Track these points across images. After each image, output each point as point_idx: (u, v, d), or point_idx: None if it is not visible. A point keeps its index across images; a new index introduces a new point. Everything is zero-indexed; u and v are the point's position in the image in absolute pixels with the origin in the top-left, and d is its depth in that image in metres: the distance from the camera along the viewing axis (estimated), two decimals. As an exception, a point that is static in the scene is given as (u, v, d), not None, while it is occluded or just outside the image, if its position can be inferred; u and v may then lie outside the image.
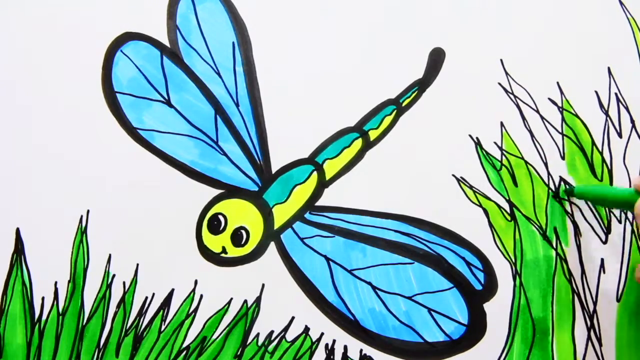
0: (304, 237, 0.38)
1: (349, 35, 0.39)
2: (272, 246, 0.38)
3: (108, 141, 0.39)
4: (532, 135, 0.38)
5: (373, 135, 0.39)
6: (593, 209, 0.37)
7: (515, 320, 0.37)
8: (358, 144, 0.39)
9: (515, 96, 0.38)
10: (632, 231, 0.37)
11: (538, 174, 0.38)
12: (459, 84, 0.39)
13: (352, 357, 0.37)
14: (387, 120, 0.39)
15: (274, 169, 0.39)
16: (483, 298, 0.37)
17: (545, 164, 0.38)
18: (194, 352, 0.37)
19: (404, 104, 0.39)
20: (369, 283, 0.37)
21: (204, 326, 0.37)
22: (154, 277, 0.38)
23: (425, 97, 0.39)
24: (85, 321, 0.38)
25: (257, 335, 0.37)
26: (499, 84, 0.39)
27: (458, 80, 0.39)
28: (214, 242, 0.38)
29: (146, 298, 0.38)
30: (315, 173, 0.38)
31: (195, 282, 0.38)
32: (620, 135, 0.38)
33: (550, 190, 0.38)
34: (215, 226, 0.38)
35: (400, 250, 0.37)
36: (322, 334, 0.37)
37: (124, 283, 0.38)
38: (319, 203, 0.38)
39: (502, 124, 0.38)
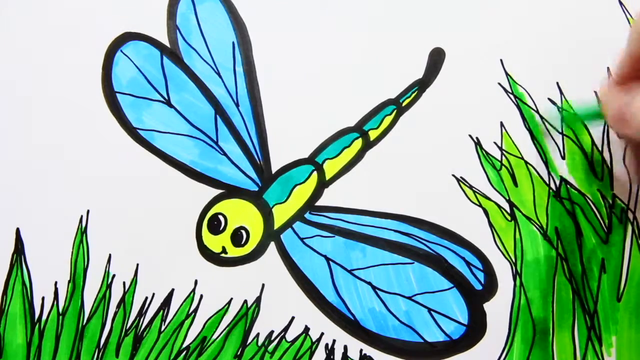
0: (304, 237, 0.38)
1: (348, 35, 0.39)
2: (272, 246, 0.38)
3: (108, 141, 0.39)
4: (532, 135, 0.38)
5: (373, 135, 0.39)
6: (594, 208, 0.37)
7: (515, 320, 0.37)
8: (358, 144, 0.39)
9: (515, 96, 0.38)
10: (633, 230, 0.37)
11: (538, 173, 0.38)
12: (459, 84, 0.39)
13: (352, 357, 0.37)
14: (387, 120, 0.39)
15: (274, 169, 0.39)
16: (483, 298, 0.37)
17: (546, 164, 0.38)
18: (194, 352, 0.37)
19: (404, 104, 0.39)
20: (369, 283, 0.37)
21: (204, 326, 0.37)
22: (154, 277, 0.38)
23: (425, 97, 0.39)
24: (85, 321, 0.38)
25: (257, 335, 0.37)
26: (499, 84, 0.39)
27: (458, 80, 0.39)
28: (214, 242, 0.38)
29: (146, 298, 0.38)
30: (315, 173, 0.38)
31: (195, 282, 0.38)
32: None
33: (550, 190, 0.38)
34: (215, 226, 0.38)
35: (400, 250, 0.37)
36: (322, 334, 0.37)
37: (124, 283, 0.38)
38: (319, 203, 0.38)
39: (502, 124, 0.38)
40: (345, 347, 0.37)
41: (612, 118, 0.31)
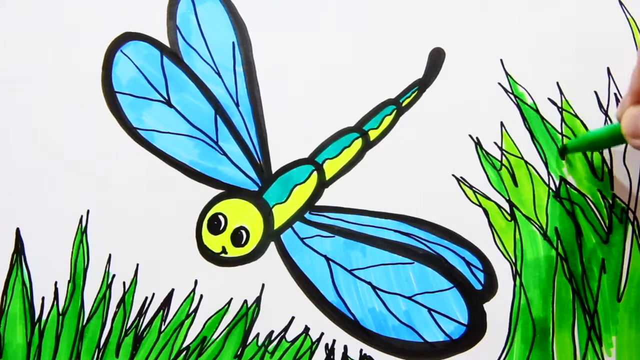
0: (304, 237, 0.38)
1: (348, 35, 0.39)
2: (272, 246, 0.38)
3: (108, 141, 0.39)
4: (532, 135, 0.38)
5: (373, 135, 0.39)
6: (594, 207, 0.37)
7: (515, 321, 0.37)
8: (358, 144, 0.39)
9: (515, 96, 0.38)
10: (633, 230, 0.37)
11: (538, 174, 0.38)
12: (459, 84, 0.39)
13: (352, 357, 0.37)
14: (387, 120, 0.39)
15: (274, 169, 0.39)
16: (483, 298, 0.37)
17: (545, 164, 0.38)
18: (194, 352, 0.37)
19: (404, 104, 0.39)
20: (369, 283, 0.37)
21: (204, 326, 0.37)
22: (154, 277, 0.38)
23: (425, 97, 0.39)
24: (85, 321, 0.38)
25: (257, 335, 0.37)
26: (499, 84, 0.39)
27: (458, 80, 0.39)
28: (214, 242, 0.38)
29: (146, 298, 0.38)
30: (315, 173, 0.38)
31: (195, 282, 0.38)
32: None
33: (550, 190, 0.38)
34: (215, 226, 0.38)
35: (400, 250, 0.37)
36: (322, 334, 0.37)
37: (124, 283, 0.38)
38: (319, 203, 0.38)
39: (502, 124, 0.38)
40: (345, 347, 0.37)
41: (628, 132, 0.32)
